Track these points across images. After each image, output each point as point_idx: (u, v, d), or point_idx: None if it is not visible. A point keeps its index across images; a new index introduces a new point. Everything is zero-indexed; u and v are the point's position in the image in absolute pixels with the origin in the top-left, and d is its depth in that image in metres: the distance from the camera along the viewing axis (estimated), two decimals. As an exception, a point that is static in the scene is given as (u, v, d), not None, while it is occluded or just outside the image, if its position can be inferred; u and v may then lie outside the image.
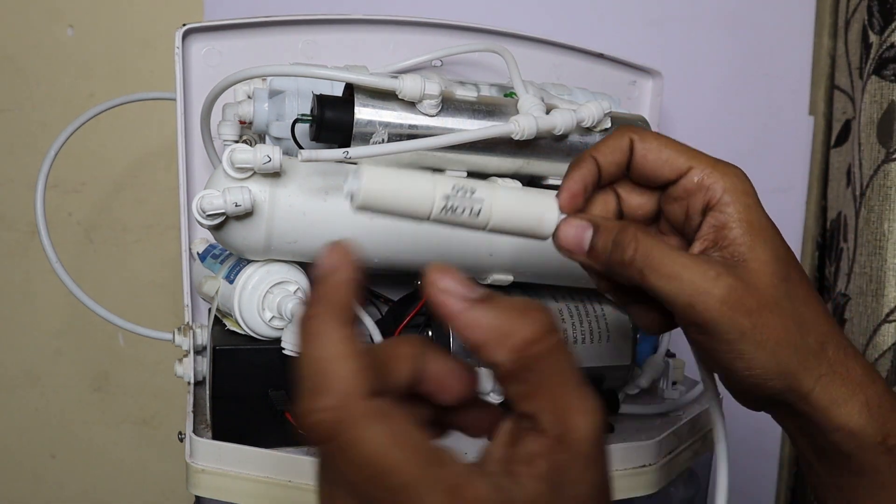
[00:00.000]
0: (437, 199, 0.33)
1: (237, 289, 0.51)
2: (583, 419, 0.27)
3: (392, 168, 0.34)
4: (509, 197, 0.35)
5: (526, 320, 0.27)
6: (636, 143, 0.38)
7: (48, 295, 0.82)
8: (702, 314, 0.34)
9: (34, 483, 0.86)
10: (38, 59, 0.78)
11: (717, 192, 0.37)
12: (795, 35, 0.91)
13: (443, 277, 0.28)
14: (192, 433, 0.51)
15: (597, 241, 0.36)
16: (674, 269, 0.34)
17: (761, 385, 0.35)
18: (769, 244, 0.36)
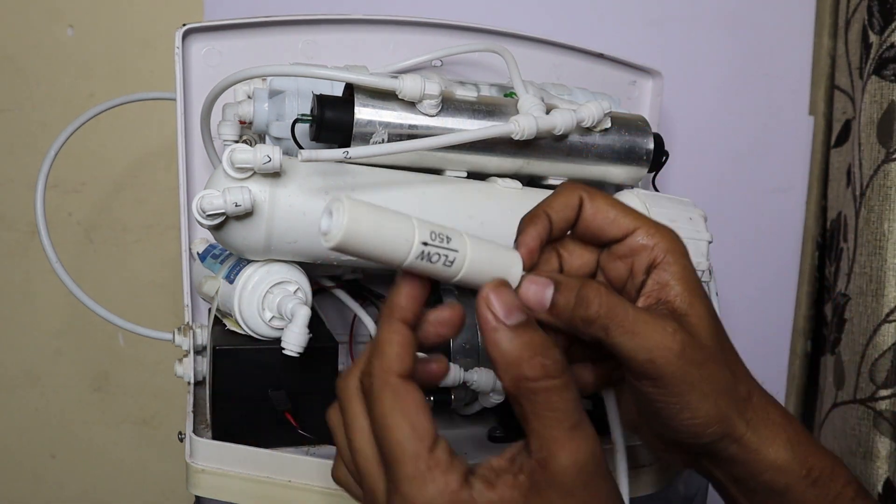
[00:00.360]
0: (415, 244, 0.32)
1: (237, 289, 0.51)
2: (565, 453, 0.31)
3: (371, 205, 0.31)
4: (480, 249, 0.34)
5: (534, 360, 0.31)
6: (585, 202, 0.39)
7: (48, 295, 0.82)
8: (660, 368, 0.36)
9: (34, 483, 0.86)
10: (38, 59, 0.78)
11: (660, 252, 0.38)
12: (795, 35, 0.91)
13: (494, 293, 0.32)
14: (192, 433, 0.51)
15: (558, 298, 0.36)
16: (636, 325, 0.36)
17: (701, 433, 0.37)
18: (703, 301, 0.38)
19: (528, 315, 0.32)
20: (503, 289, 0.32)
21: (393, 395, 0.32)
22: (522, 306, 0.32)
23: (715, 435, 0.37)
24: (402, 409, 0.31)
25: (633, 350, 0.36)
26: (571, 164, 0.58)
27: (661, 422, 0.38)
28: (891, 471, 0.76)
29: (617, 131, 0.58)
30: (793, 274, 0.95)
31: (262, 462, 0.50)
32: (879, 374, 0.76)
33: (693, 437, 0.38)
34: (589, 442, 0.32)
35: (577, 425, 0.31)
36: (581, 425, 0.32)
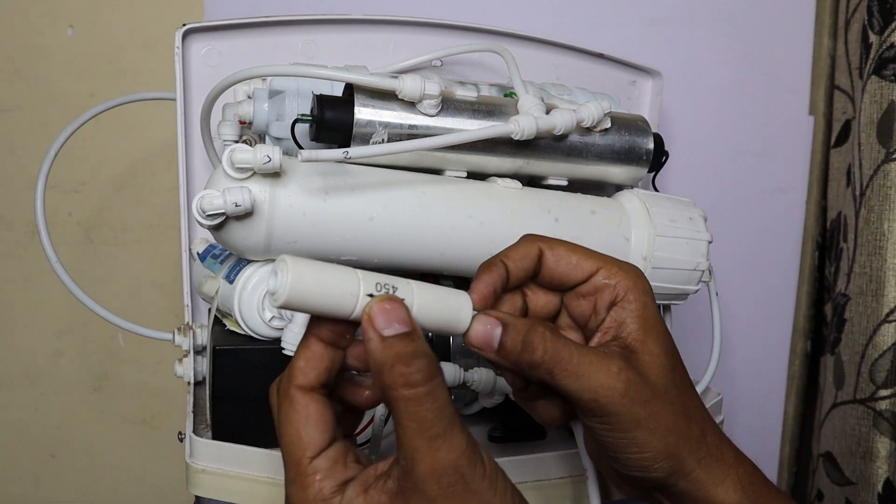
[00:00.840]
0: (360, 297, 0.33)
1: (237, 289, 0.51)
2: (424, 463, 0.32)
3: (315, 263, 0.32)
4: (428, 295, 0.35)
5: (395, 369, 0.32)
6: (545, 252, 0.41)
7: (48, 295, 0.82)
8: (605, 407, 0.37)
9: (34, 483, 0.86)
10: (38, 59, 0.78)
11: (621, 290, 0.40)
12: (795, 35, 0.91)
13: (378, 305, 0.33)
14: (192, 433, 0.51)
15: (506, 339, 0.37)
16: (580, 367, 0.37)
17: (649, 468, 0.39)
18: (660, 339, 0.40)
19: (408, 328, 0.33)
20: (388, 303, 0.33)
21: (288, 404, 0.34)
22: (405, 320, 0.33)
23: (663, 470, 0.39)
24: (292, 418, 0.34)
25: (578, 391, 0.37)
26: (571, 164, 0.58)
27: (611, 456, 0.39)
28: (891, 471, 0.76)
29: (617, 131, 0.58)
30: (793, 274, 0.95)
31: (262, 462, 0.50)
32: (879, 374, 0.76)
33: (641, 471, 0.39)
34: (451, 452, 0.32)
35: (440, 435, 0.32)
36: (446, 435, 0.32)
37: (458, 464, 0.32)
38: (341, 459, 0.34)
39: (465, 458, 0.32)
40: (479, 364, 0.55)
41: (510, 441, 0.56)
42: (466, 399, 0.56)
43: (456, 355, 0.55)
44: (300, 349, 0.35)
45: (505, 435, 0.56)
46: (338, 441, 0.34)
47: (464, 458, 0.32)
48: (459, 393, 0.55)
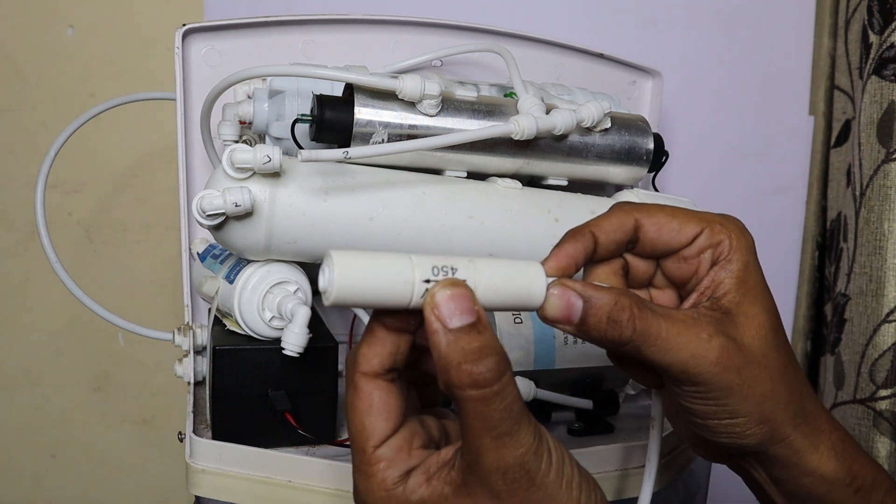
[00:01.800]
0: (416, 284, 0.31)
1: (237, 289, 0.51)
2: (490, 459, 0.31)
3: (365, 254, 0.30)
4: (494, 272, 0.33)
5: (462, 368, 0.30)
6: (644, 222, 0.38)
7: (48, 295, 0.82)
8: (695, 377, 0.35)
9: (34, 483, 0.86)
10: (38, 59, 0.78)
11: (725, 249, 0.38)
12: (795, 35, 0.91)
13: (441, 293, 0.31)
14: (192, 433, 0.51)
15: (588, 316, 0.35)
16: (669, 340, 0.35)
17: (741, 434, 0.37)
18: (759, 300, 0.37)
19: (475, 318, 0.31)
20: (452, 289, 0.31)
21: (353, 391, 0.33)
22: (471, 309, 0.31)
23: (756, 437, 0.37)
24: (356, 406, 0.33)
25: (667, 363, 0.35)
26: (571, 164, 0.58)
27: (699, 423, 0.37)
28: (891, 471, 0.76)
29: (617, 131, 0.58)
30: (793, 274, 0.95)
31: (262, 462, 0.50)
32: (879, 374, 0.76)
33: (733, 437, 0.37)
34: (518, 449, 0.31)
35: (507, 433, 0.31)
36: (512, 433, 0.31)
37: (524, 460, 0.31)
38: (405, 447, 0.33)
39: (531, 453, 0.31)
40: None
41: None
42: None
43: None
44: (365, 334, 0.33)
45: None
46: (405, 426, 0.33)
47: (530, 454, 0.31)
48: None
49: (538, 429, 0.32)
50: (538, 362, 0.57)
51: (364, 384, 0.33)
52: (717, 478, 1.01)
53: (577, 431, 0.58)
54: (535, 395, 0.55)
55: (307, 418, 0.52)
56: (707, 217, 0.38)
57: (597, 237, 0.37)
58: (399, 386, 0.34)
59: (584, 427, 0.58)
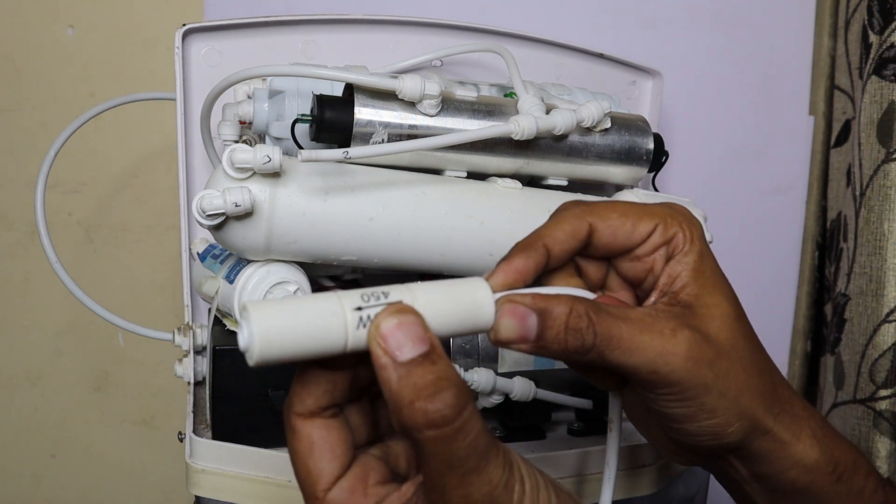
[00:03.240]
0: (347, 315, 0.27)
1: (237, 289, 0.51)
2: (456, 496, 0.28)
3: (286, 299, 0.27)
4: (433, 294, 0.29)
5: (416, 406, 0.27)
6: (598, 225, 0.35)
7: (48, 295, 0.82)
8: (666, 377, 0.33)
9: (34, 483, 0.86)
10: (38, 59, 0.78)
11: (679, 242, 0.36)
12: (795, 35, 0.91)
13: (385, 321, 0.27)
14: (192, 433, 0.51)
15: (545, 331, 0.32)
16: (632, 340, 0.33)
17: (721, 434, 0.35)
18: (718, 288, 0.36)
19: (428, 347, 0.28)
20: (399, 316, 0.28)
21: (291, 435, 0.30)
22: (421, 336, 0.27)
23: (737, 434, 0.35)
24: (297, 450, 0.30)
25: (635, 366, 0.33)
26: (571, 164, 0.58)
27: (676, 427, 0.35)
28: (891, 471, 0.76)
29: (617, 131, 0.58)
30: (793, 274, 0.95)
31: (262, 462, 0.50)
32: (879, 374, 0.76)
33: (713, 438, 0.35)
34: (485, 487, 0.28)
35: (474, 470, 0.28)
36: (479, 469, 0.28)
37: (494, 496, 0.29)
38: (359, 486, 0.30)
39: (500, 487, 0.29)
40: (479, 364, 0.55)
41: (510, 441, 0.56)
42: (466, 399, 0.56)
43: (456, 355, 0.55)
44: (296, 374, 0.30)
45: (505, 435, 0.56)
46: (357, 462, 0.31)
47: (500, 489, 0.29)
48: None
49: (508, 458, 0.30)
50: (538, 362, 0.57)
51: (301, 426, 0.30)
52: (717, 478, 1.01)
53: (577, 431, 0.58)
54: (535, 395, 0.55)
55: (307, 418, 0.52)
56: (658, 211, 0.36)
57: (550, 249, 0.34)
58: (343, 420, 0.31)
59: (584, 427, 0.58)
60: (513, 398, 0.55)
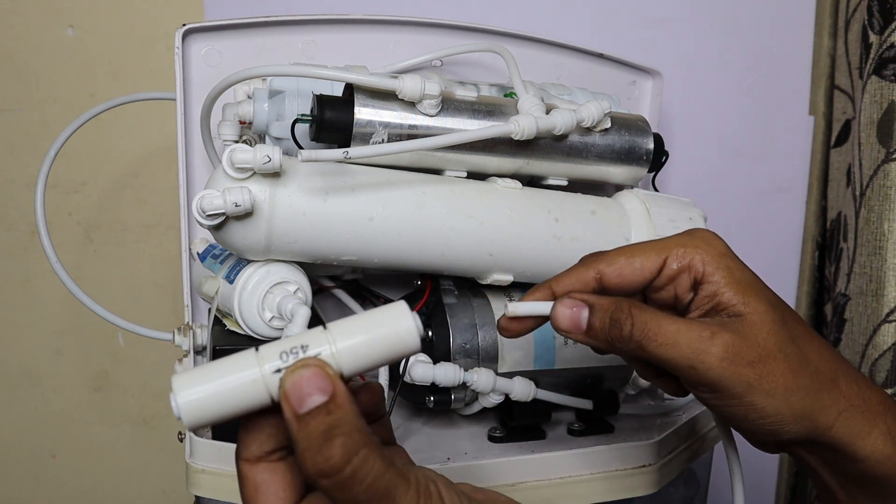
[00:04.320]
0: (267, 379, 0.28)
1: (237, 289, 0.51)
2: None
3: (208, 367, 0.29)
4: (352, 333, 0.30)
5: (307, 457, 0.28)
6: (605, 270, 0.39)
7: (48, 295, 0.82)
8: (704, 374, 0.36)
9: (34, 483, 0.86)
10: (38, 59, 0.78)
11: (698, 267, 0.38)
12: (795, 35, 0.91)
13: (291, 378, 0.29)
14: (192, 433, 0.51)
15: (593, 320, 0.37)
16: (669, 336, 0.36)
17: (778, 431, 0.37)
18: (760, 295, 0.38)
19: (327, 397, 0.29)
20: (300, 371, 0.29)
21: (239, 479, 0.32)
22: (323, 387, 0.29)
23: (796, 433, 0.37)
24: (243, 494, 0.32)
25: (672, 360, 0.36)
26: (571, 164, 0.58)
27: (738, 424, 0.38)
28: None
29: (617, 131, 0.58)
30: (793, 274, 0.95)
31: (262, 462, 0.50)
32: (879, 374, 0.76)
33: (773, 435, 0.37)
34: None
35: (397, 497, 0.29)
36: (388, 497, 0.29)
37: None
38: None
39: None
40: (478, 364, 0.55)
41: (510, 441, 0.56)
42: (466, 399, 0.56)
43: (456, 355, 0.55)
44: (241, 422, 0.31)
45: (505, 435, 0.56)
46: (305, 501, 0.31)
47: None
48: (459, 393, 0.55)
49: (423, 488, 0.30)
50: (538, 362, 0.57)
51: (247, 471, 0.31)
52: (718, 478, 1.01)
53: (577, 431, 0.58)
54: (535, 396, 0.55)
55: (307, 418, 0.52)
56: (667, 244, 0.39)
57: (554, 292, 0.39)
58: (289, 463, 0.32)
59: (584, 427, 0.58)
60: (513, 398, 0.55)
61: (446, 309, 0.56)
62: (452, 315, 0.55)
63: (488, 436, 0.57)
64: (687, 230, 0.40)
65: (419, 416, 0.61)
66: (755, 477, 0.97)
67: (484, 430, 0.58)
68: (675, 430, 0.58)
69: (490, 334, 0.55)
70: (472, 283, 0.58)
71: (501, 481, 0.52)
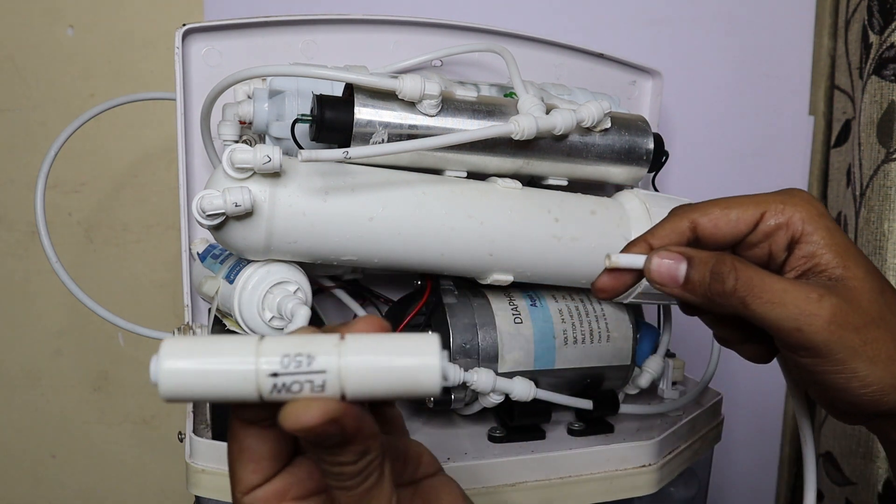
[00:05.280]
0: (261, 379, 0.26)
1: (237, 289, 0.51)
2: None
3: (205, 341, 0.27)
4: (364, 357, 0.26)
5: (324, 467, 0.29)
6: (700, 220, 0.38)
7: (48, 295, 0.82)
8: (810, 337, 0.34)
9: (34, 483, 0.86)
10: (38, 59, 0.78)
11: (797, 225, 0.37)
12: (795, 35, 0.91)
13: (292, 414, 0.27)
14: (192, 433, 0.51)
15: (692, 273, 0.36)
16: (775, 294, 0.34)
17: (877, 401, 0.35)
18: (860, 261, 0.36)
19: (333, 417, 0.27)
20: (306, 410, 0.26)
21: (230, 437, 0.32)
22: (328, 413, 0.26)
23: (891, 402, 0.35)
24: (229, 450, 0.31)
25: (777, 320, 0.34)
26: (571, 164, 0.58)
27: (833, 395, 0.36)
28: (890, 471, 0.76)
29: (617, 131, 0.58)
30: (793, 274, 0.95)
31: (262, 462, 0.50)
32: (879, 374, 0.76)
33: (870, 406, 0.35)
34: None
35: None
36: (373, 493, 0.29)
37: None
38: (275, 499, 0.31)
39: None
40: (478, 364, 0.55)
41: (510, 441, 0.56)
42: (466, 399, 0.56)
43: (456, 355, 0.55)
44: None
45: (505, 435, 0.56)
46: (282, 475, 0.31)
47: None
48: (459, 393, 0.55)
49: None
50: (538, 362, 0.57)
51: (237, 429, 0.31)
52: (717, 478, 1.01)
53: (577, 431, 0.58)
54: (535, 396, 0.55)
55: (307, 418, 0.52)
56: (765, 199, 0.38)
57: (651, 245, 0.38)
58: (277, 432, 0.31)
59: (584, 427, 0.58)
60: (513, 398, 0.55)
61: (446, 309, 0.56)
62: (452, 315, 0.55)
63: (488, 436, 0.57)
64: (784, 189, 0.39)
65: (419, 416, 0.61)
66: (755, 477, 0.97)
67: (484, 430, 0.58)
68: (675, 430, 0.58)
69: (490, 334, 0.55)
70: (472, 283, 0.58)
71: (501, 481, 0.52)
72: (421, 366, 0.26)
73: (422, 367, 0.26)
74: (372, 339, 0.27)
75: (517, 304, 0.58)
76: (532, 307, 0.58)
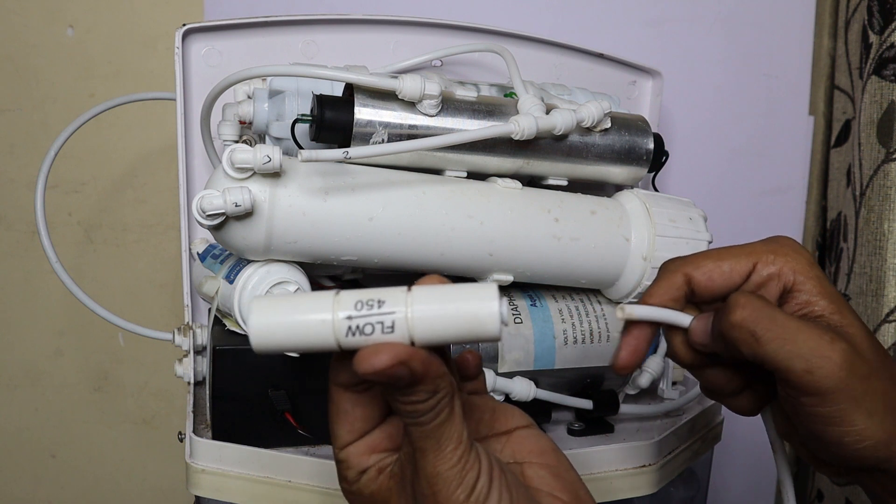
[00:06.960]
0: (337, 324, 0.29)
1: (237, 289, 0.51)
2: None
3: (288, 297, 0.30)
4: (430, 303, 0.29)
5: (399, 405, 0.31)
6: (693, 274, 0.38)
7: (48, 295, 0.82)
8: (820, 381, 0.33)
9: (34, 483, 0.86)
10: (38, 59, 0.78)
11: (788, 276, 0.37)
12: (795, 35, 0.91)
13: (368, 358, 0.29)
14: (192, 433, 0.51)
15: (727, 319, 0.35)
16: (787, 331, 0.33)
17: (867, 456, 0.34)
18: (852, 311, 0.36)
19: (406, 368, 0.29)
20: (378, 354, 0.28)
21: (329, 398, 0.35)
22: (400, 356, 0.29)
23: (880, 457, 0.34)
24: (330, 411, 0.35)
25: (788, 359, 0.33)
26: (571, 164, 0.58)
27: (821, 444, 0.35)
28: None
29: (617, 131, 0.58)
30: (793, 274, 0.95)
31: (262, 462, 0.50)
32: (879, 374, 0.76)
33: (856, 460, 0.35)
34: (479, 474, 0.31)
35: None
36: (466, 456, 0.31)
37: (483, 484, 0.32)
38: (366, 452, 0.35)
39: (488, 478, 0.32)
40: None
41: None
42: (466, 399, 0.56)
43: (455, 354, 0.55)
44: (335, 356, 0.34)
45: (505, 435, 0.56)
46: (373, 433, 0.35)
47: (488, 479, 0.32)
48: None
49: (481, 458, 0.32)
50: (538, 362, 0.57)
51: (334, 394, 0.34)
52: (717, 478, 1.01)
53: (577, 431, 0.58)
54: (535, 396, 0.55)
55: (307, 418, 0.52)
56: (754, 249, 0.38)
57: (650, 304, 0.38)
58: (371, 395, 0.34)
59: (584, 427, 0.58)
60: (513, 398, 0.55)
61: (446, 309, 0.56)
62: (452, 315, 0.55)
63: (488, 436, 0.57)
64: (769, 237, 0.39)
65: (419, 416, 0.61)
66: (755, 477, 0.97)
67: (484, 430, 0.58)
68: (675, 430, 0.58)
69: (490, 334, 0.55)
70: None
71: (501, 481, 0.52)
72: (481, 309, 0.29)
73: (482, 310, 0.29)
74: (436, 289, 0.30)
75: (517, 304, 0.58)
76: (532, 307, 0.58)
